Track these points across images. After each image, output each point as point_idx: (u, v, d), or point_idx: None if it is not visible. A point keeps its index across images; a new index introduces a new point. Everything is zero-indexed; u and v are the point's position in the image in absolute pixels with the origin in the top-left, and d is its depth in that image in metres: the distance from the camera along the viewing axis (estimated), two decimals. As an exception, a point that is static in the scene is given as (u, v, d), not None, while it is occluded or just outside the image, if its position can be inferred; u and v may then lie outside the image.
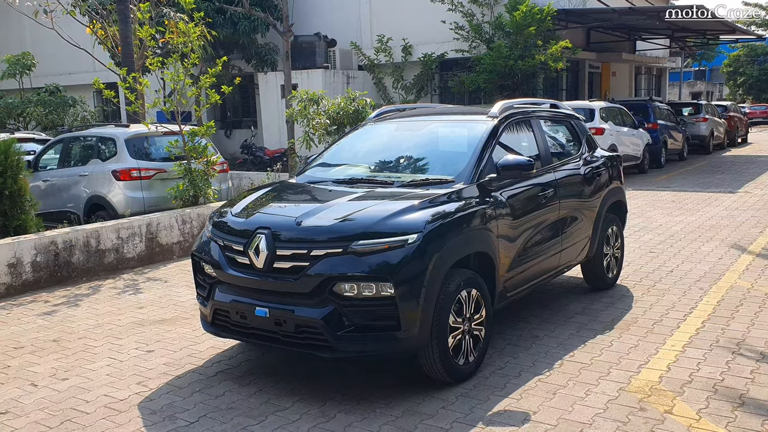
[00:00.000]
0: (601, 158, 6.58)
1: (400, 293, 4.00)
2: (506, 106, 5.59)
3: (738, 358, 4.76)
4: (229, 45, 21.03)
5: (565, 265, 5.93)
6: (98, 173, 9.86)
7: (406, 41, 19.54)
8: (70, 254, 7.48)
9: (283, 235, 4.24)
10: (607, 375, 4.56)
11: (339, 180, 5.19)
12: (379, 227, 4.13)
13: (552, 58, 16.59)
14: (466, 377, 4.49)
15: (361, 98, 11.18)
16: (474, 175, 4.83)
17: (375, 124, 6.05)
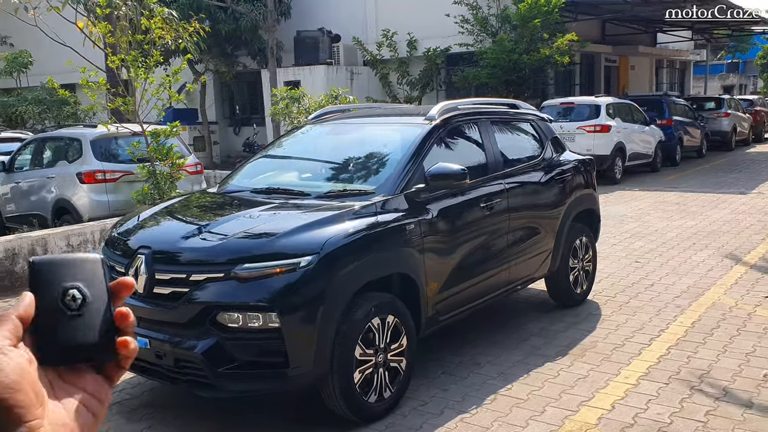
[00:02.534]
0: (568, 163, 6.00)
1: (288, 325, 3.51)
2: (447, 107, 5.04)
3: (696, 395, 4.17)
4: (235, 41, 20.67)
5: (519, 280, 5.37)
6: (64, 175, 9.52)
7: (411, 36, 18.95)
8: (13, 263, 7.12)
9: (162, 256, 3.78)
10: (541, 414, 4.01)
11: (257, 190, 4.70)
12: (268, 248, 3.64)
13: (558, 51, 15.87)
14: (378, 416, 3.98)
15: (343, 96, 10.67)
16: (397, 186, 4.30)
17: (313, 127, 5.55)
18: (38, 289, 0.67)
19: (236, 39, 20.38)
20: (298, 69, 19.23)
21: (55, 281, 0.67)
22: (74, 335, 0.67)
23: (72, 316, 0.67)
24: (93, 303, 0.68)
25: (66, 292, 0.67)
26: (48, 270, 0.68)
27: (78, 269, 0.69)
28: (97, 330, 0.68)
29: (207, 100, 22.42)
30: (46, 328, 0.66)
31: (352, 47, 20.02)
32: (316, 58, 19.34)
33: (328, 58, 19.58)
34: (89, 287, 0.68)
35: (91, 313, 0.68)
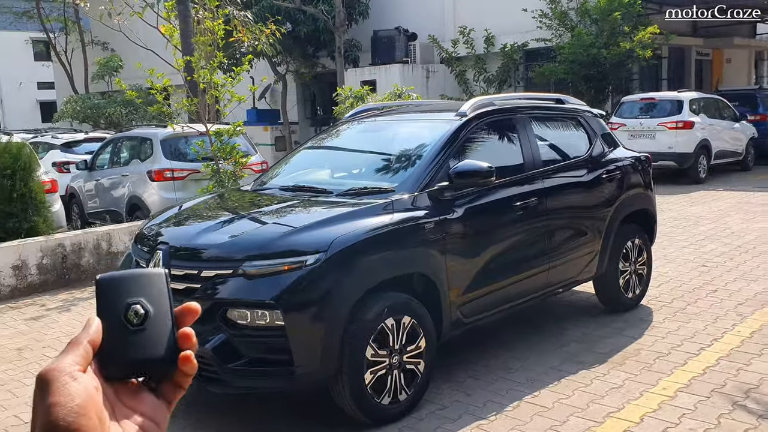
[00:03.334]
0: (620, 161, 5.70)
1: (292, 323, 3.49)
2: (481, 103, 4.88)
3: (736, 412, 3.86)
4: (315, 42, 20.99)
5: (560, 283, 5.15)
6: (136, 173, 9.94)
7: (489, 32, 18.64)
8: (79, 257, 7.49)
9: (177, 251, 3.84)
10: (562, 424, 3.82)
11: (285, 187, 4.72)
12: (275, 246, 3.63)
13: (640, 45, 15.17)
14: (393, 418, 3.90)
15: (407, 93, 10.60)
16: (419, 184, 4.20)
17: (348, 125, 5.52)
18: (102, 306, 0.69)
19: (315, 40, 20.70)
20: (374, 68, 19.31)
21: (118, 297, 0.69)
22: (137, 350, 0.68)
23: (135, 331, 0.68)
24: (156, 317, 0.69)
25: (129, 308, 0.68)
26: (111, 286, 0.69)
27: (141, 284, 0.70)
28: (160, 344, 0.69)
29: (289, 101, 22.89)
30: (110, 344, 0.67)
31: (428, 45, 19.91)
32: (392, 57, 19.35)
33: (404, 56, 19.56)
34: (152, 302, 0.70)
35: (154, 328, 0.69)
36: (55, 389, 0.63)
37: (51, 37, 27.72)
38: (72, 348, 0.66)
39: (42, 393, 0.63)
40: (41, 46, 39.20)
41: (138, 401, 0.69)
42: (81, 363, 0.65)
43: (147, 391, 0.70)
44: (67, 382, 0.63)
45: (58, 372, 0.64)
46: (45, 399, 0.63)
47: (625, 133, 13.57)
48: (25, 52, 41.24)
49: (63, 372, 0.64)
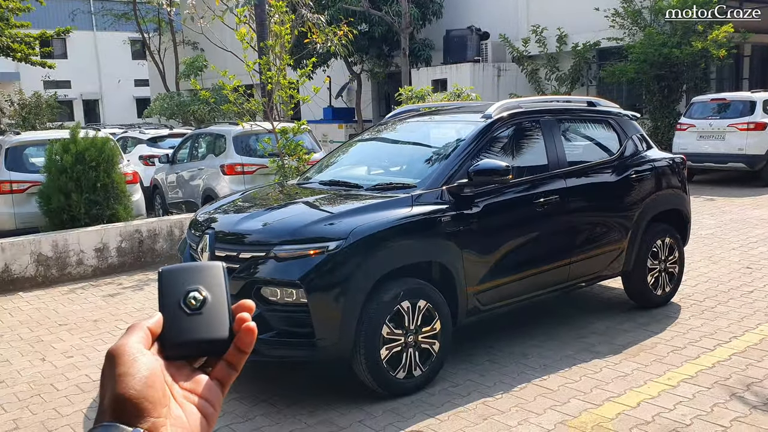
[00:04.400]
0: (651, 161, 5.88)
1: (314, 301, 3.97)
2: (507, 105, 5.22)
3: (732, 402, 4.06)
4: (390, 42, 21.50)
5: (583, 278, 5.41)
6: (211, 167, 10.71)
7: (561, 30, 18.61)
8: (154, 242, 8.25)
9: (221, 235, 4.39)
10: (562, 405, 4.13)
11: (323, 182, 5.21)
12: (303, 233, 4.12)
13: (715, 45, 14.84)
14: (407, 391, 4.31)
15: (467, 94, 10.92)
16: (439, 181, 4.59)
17: (390, 124, 5.96)
18: (164, 293, 0.75)
19: (390, 40, 21.21)
20: (445, 67, 19.62)
21: (178, 285, 0.75)
22: (194, 331, 0.73)
23: (192, 314, 0.74)
24: (212, 303, 0.74)
25: (188, 294, 0.74)
26: (173, 276, 0.76)
27: (199, 274, 0.76)
28: (215, 326, 0.74)
29: (364, 100, 23.52)
30: (170, 326, 0.73)
31: (500, 44, 20.05)
32: (464, 56, 19.61)
33: (475, 55, 19.78)
34: (209, 289, 0.75)
35: (210, 312, 0.74)
36: (124, 361, 0.67)
37: (146, 37, 29.48)
38: (135, 330, 0.71)
39: (111, 366, 0.68)
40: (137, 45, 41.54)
41: (194, 383, 0.73)
42: (144, 344, 0.70)
43: (202, 373, 0.74)
44: (135, 355, 0.68)
45: (128, 347, 0.69)
46: (114, 370, 0.67)
47: (694, 134, 13.39)
48: (124, 51, 43.79)
49: (131, 347, 0.69)
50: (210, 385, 0.73)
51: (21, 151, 9.26)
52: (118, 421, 0.65)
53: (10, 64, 30.16)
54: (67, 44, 42.06)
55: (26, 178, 8.93)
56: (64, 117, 35.51)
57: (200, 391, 0.72)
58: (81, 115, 42.23)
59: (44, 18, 35.09)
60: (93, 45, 43.60)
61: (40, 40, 22.14)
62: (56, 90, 30.58)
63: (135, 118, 41.41)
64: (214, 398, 0.73)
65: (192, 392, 0.72)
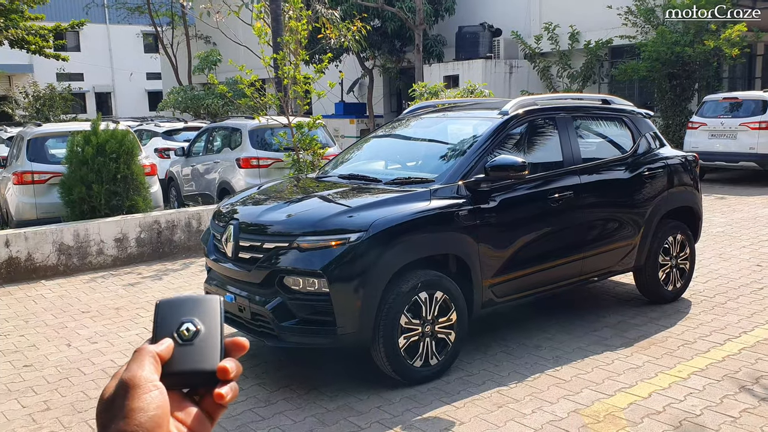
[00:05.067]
0: (664, 159, 5.97)
1: (335, 290, 4.10)
2: (523, 103, 5.32)
3: (741, 394, 4.17)
4: (403, 38, 21.59)
5: (595, 272, 5.51)
6: (226, 161, 10.86)
7: (574, 28, 18.65)
8: (172, 233, 8.41)
9: (246, 226, 4.52)
10: (575, 395, 4.25)
11: (342, 175, 5.34)
12: (325, 224, 4.24)
13: (728, 44, 14.86)
14: (424, 379, 4.44)
15: (479, 90, 11.02)
16: (457, 176, 4.70)
17: (407, 120, 6.07)
18: (159, 323, 0.76)
19: (402, 36, 21.29)
20: (457, 63, 19.70)
21: (174, 316, 0.76)
22: (184, 361, 0.74)
23: (183, 345, 0.74)
24: (205, 335, 0.75)
25: (181, 325, 0.75)
26: (169, 307, 0.77)
27: (196, 306, 0.77)
28: (206, 358, 0.74)
29: (375, 95, 23.63)
30: None
31: (512, 41, 20.11)
32: (476, 53, 19.68)
33: (487, 52, 19.84)
34: (204, 321, 0.76)
35: (202, 344, 0.75)
36: (139, 395, 0.68)
37: (159, 30, 29.68)
38: (147, 359, 0.72)
39: (125, 395, 0.68)
40: (150, 39, 41.77)
41: (185, 414, 0.73)
42: (157, 373, 0.71)
43: (193, 404, 0.74)
44: (150, 390, 0.68)
45: (144, 380, 0.69)
46: (127, 401, 0.67)
47: (706, 132, 13.44)
48: (136, 44, 44.07)
49: (148, 381, 0.69)
50: (199, 417, 0.74)
51: (42, 143, 9.43)
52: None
53: (23, 56, 30.43)
54: (80, 37, 42.32)
55: (47, 169, 9.10)
56: (77, 109, 35.84)
57: (189, 423, 0.73)
58: (93, 108, 42.52)
59: (58, 10, 35.36)
60: (106, 38, 43.86)
61: (55, 32, 22.33)
62: (69, 82, 30.84)
63: (147, 112, 41.69)
64: (203, 430, 0.74)
65: (182, 423, 0.72)
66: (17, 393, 4.54)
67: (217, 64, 21.37)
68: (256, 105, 10.37)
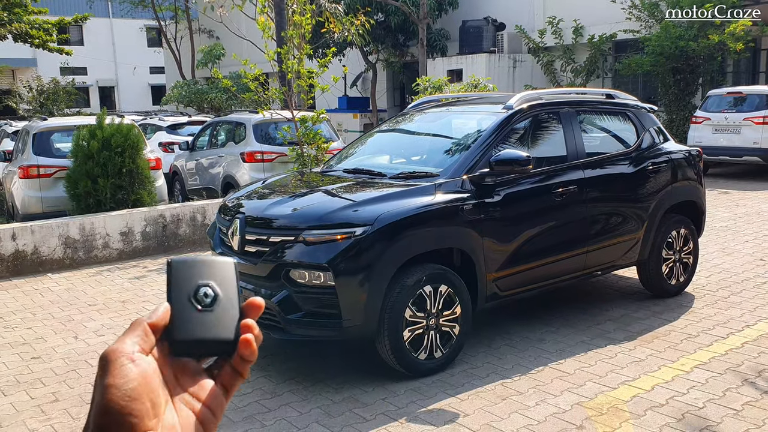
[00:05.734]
0: (667, 153, 5.99)
1: (341, 284, 4.13)
2: (528, 97, 5.34)
3: (744, 387, 4.20)
4: (406, 32, 21.58)
5: (599, 266, 5.54)
6: (231, 155, 10.89)
7: (578, 22, 18.62)
8: (177, 227, 8.45)
9: (252, 220, 4.56)
10: (578, 387, 4.28)
11: (347, 170, 5.36)
12: (331, 218, 4.28)
13: (732, 38, 14.83)
14: (428, 372, 4.48)
15: (483, 85, 11.02)
16: (461, 170, 4.73)
17: (412, 114, 6.10)
18: (173, 285, 0.71)
19: (406, 30, 21.29)
20: (461, 58, 19.70)
21: (189, 279, 0.71)
22: (203, 329, 0.69)
23: (203, 311, 0.70)
24: (223, 301, 0.71)
25: (198, 289, 0.70)
26: (183, 269, 0.71)
27: (211, 269, 0.72)
28: (225, 326, 0.70)
29: (379, 90, 23.64)
30: (178, 322, 0.69)
31: (515, 35, 20.10)
32: (480, 47, 19.67)
33: (491, 46, 19.84)
34: (221, 286, 0.71)
35: (221, 310, 0.70)
36: (113, 370, 0.63)
37: (162, 24, 29.69)
38: (133, 329, 0.67)
39: (101, 373, 0.64)
40: (153, 33, 41.78)
41: (199, 388, 0.69)
42: (141, 345, 0.66)
43: (208, 377, 0.70)
44: (124, 364, 0.64)
45: (119, 354, 0.64)
46: (103, 379, 0.64)
47: (710, 127, 13.43)
48: (140, 38, 44.07)
49: (123, 354, 0.64)
50: (214, 392, 0.70)
51: (48, 137, 9.47)
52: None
53: (27, 50, 30.45)
54: (84, 31, 42.36)
55: (53, 163, 9.15)
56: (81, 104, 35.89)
57: (203, 398, 0.69)
58: (97, 102, 42.60)
59: (62, 4, 35.39)
60: (109, 32, 43.90)
61: (58, 26, 22.36)
62: (73, 77, 30.87)
63: (150, 106, 41.74)
64: (217, 406, 0.70)
65: (194, 396, 0.69)
66: (26, 384, 4.59)
67: (221, 58, 21.39)
68: (260, 99, 10.40)
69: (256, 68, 9.46)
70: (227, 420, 3.97)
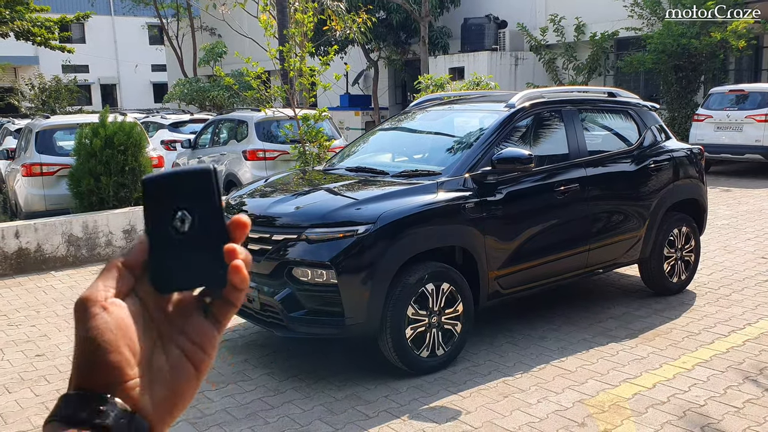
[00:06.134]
0: (669, 152, 6.00)
1: (344, 282, 4.15)
2: (530, 96, 5.35)
3: (745, 385, 4.21)
4: (408, 29, 21.58)
5: (600, 264, 5.55)
6: (233, 153, 10.91)
7: (580, 20, 18.61)
8: (180, 225, 8.45)
9: (255, 218, 4.57)
10: (580, 385, 4.30)
11: (349, 168, 5.38)
12: (333, 217, 4.29)
13: (734, 35, 14.81)
14: (430, 369, 4.50)
15: (485, 83, 11.03)
16: (463, 168, 4.74)
17: (414, 112, 6.11)
18: (150, 211, 0.62)
19: (408, 28, 21.29)
20: (462, 55, 19.69)
21: (166, 202, 0.62)
22: (185, 259, 0.62)
23: (181, 240, 0.61)
24: (203, 224, 0.62)
25: (176, 213, 0.61)
26: (159, 188, 0.62)
27: (189, 184, 0.62)
28: (209, 253, 0.62)
29: (381, 87, 23.65)
30: (158, 255, 0.62)
31: (517, 33, 20.08)
32: (482, 45, 19.66)
33: (493, 44, 19.83)
34: (200, 204, 0.62)
35: (202, 236, 0.62)
36: (85, 321, 0.59)
37: (164, 22, 29.71)
38: (107, 271, 0.61)
39: (77, 324, 0.60)
40: (155, 30, 41.80)
41: (186, 322, 0.64)
42: (116, 287, 0.60)
43: (198, 313, 0.64)
44: (97, 313, 0.59)
45: (90, 302, 0.59)
46: (78, 332, 0.59)
47: (712, 125, 13.43)
48: (141, 36, 44.08)
49: (95, 302, 0.59)
50: (204, 328, 0.64)
51: (51, 135, 9.49)
52: (84, 389, 0.58)
53: (29, 48, 30.49)
54: (86, 29, 42.38)
55: (56, 161, 9.17)
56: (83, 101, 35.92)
57: (191, 332, 0.63)
58: (99, 100, 42.64)
59: (63, 2, 35.41)
60: (111, 30, 43.91)
61: (60, 24, 22.39)
62: (75, 74, 30.90)
63: (152, 103, 41.76)
64: (208, 341, 0.64)
65: (185, 335, 0.63)
66: (30, 382, 4.62)
67: (223, 56, 21.41)
68: (262, 97, 10.41)
69: (258, 66, 9.47)
70: (230, 417, 3.99)
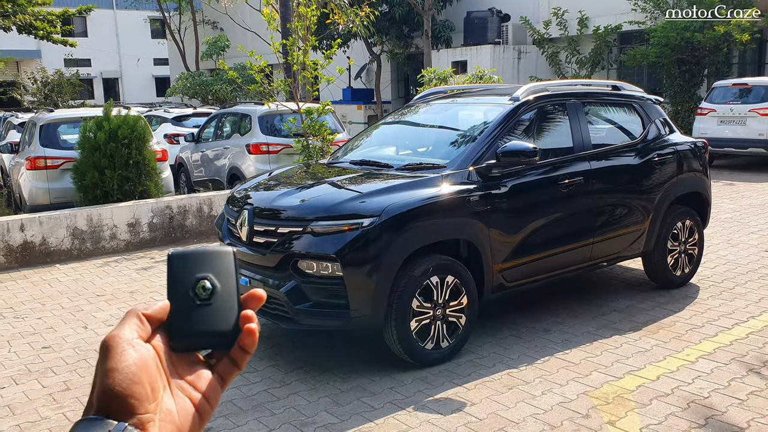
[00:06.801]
0: (673, 145, 6.00)
1: (349, 274, 4.16)
2: (534, 89, 5.36)
3: (749, 377, 4.23)
4: (411, 23, 21.54)
5: (604, 257, 5.57)
6: (236, 146, 10.92)
7: (583, 13, 18.58)
8: (184, 218, 8.49)
9: (260, 211, 4.59)
10: (584, 377, 4.32)
11: (354, 161, 5.39)
12: (338, 209, 4.31)
13: (738, 29, 14.78)
14: (435, 362, 4.52)
15: (489, 76, 11.02)
16: (468, 161, 4.75)
17: (418, 106, 6.12)
18: (173, 279, 0.71)
19: (411, 21, 21.25)
20: (465, 49, 19.66)
21: (188, 272, 0.71)
22: (202, 323, 0.70)
23: (201, 304, 0.70)
24: (222, 293, 0.71)
25: (197, 282, 0.70)
26: (182, 262, 0.71)
27: (210, 261, 0.72)
28: (224, 319, 0.70)
29: (383, 81, 23.62)
30: (178, 316, 0.70)
31: (520, 27, 20.05)
32: (485, 38, 19.63)
33: (496, 37, 19.79)
34: (219, 278, 0.71)
35: (220, 303, 0.70)
36: (114, 355, 0.65)
37: (166, 16, 29.68)
38: (129, 318, 0.69)
39: (103, 358, 0.66)
40: (157, 24, 41.76)
41: (196, 377, 0.71)
42: (138, 332, 0.68)
43: (204, 368, 0.72)
44: (125, 349, 0.66)
45: (119, 339, 0.66)
46: (104, 363, 0.65)
47: (715, 118, 13.42)
48: (144, 30, 44.05)
49: (123, 339, 0.67)
50: (212, 383, 0.71)
51: (55, 129, 9.51)
52: (104, 415, 0.64)
53: (31, 41, 30.50)
54: (88, 22, 42.35)
55: (60, 155, 9.19)
56: (85, 95, 35.94)
57: (201, 388, 0.71)
58: (101, 94, 42.64)
59: (66, -4, 35.33)
60: (113, 23, 43.88)
61: (62, 18, 22.38)
62: (77, 68, 30.90)
63: (154, 97, 41.76)
64: (214, 395, 0.71)
65: (192, 385, 0.70)
66: (37, 373, 4.65)
67: (225, 49, 21.39)
68: (265, 91, 10.42)
69: (261, 60, 9.47)
70: (237, 408, 4.02)
